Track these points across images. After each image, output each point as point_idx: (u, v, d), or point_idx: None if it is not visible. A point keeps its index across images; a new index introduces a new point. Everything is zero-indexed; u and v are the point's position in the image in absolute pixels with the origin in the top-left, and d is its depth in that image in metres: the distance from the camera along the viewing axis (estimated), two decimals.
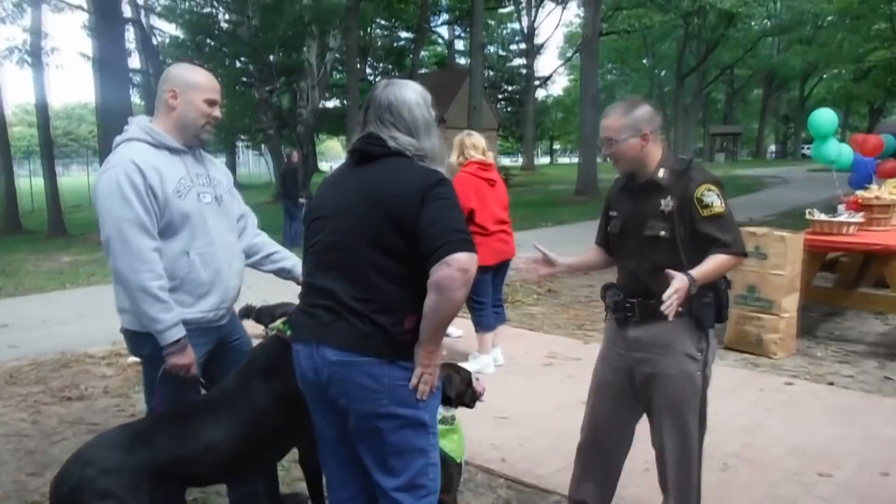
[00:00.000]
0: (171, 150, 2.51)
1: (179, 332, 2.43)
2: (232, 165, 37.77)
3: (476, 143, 5.10)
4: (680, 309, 2.44)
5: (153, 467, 2.15)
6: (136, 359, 5.31)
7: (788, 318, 5.36)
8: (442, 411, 2.79)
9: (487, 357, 5.18)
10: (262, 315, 2.91)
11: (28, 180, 24.48)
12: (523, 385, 4.81)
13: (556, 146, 74.95)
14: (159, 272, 2.39)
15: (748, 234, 5.40)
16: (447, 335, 6.00)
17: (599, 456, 2.81)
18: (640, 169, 2.55)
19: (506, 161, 54.11)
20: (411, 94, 2.16)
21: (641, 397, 2.65)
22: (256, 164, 44.35)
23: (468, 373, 2.93)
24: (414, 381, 2.06)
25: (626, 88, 54.89)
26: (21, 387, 4.92)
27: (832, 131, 6.82)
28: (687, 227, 2.45)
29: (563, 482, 3.38)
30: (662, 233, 2.48)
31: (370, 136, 2.14)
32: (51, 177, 16.38)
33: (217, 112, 2.58)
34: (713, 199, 2.41)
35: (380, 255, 2.03)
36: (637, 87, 52.48)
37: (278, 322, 2.65)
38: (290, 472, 3.37)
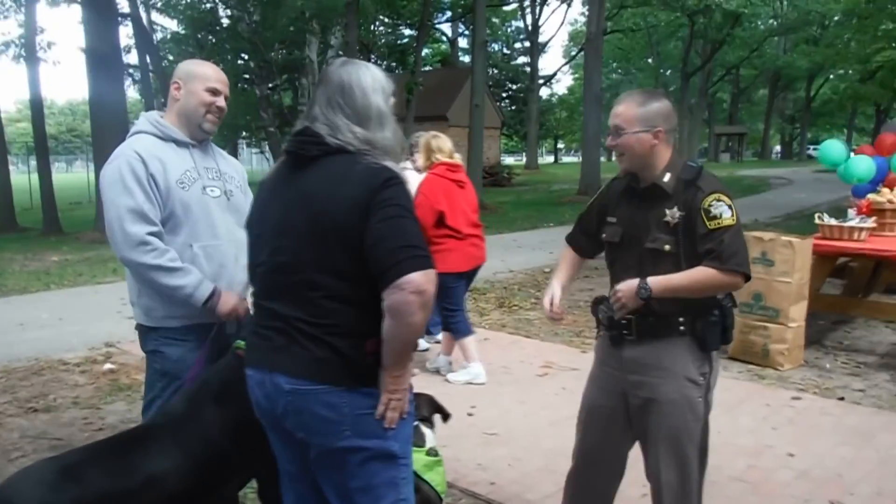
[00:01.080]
0: (178, 143, 2.53)
1: (208, 286, 2.44)
2: None
3: (442, 146, 4.91)
4: (682, 328, 2.24)
5: None
6: (111, 366, 5.17)
7: (796, 328, 5.10)
8: (431, 441, 2.58)
9: (477, 365, 4.93)
10: (242, 329, 2.67)
11: (28, 177, 24.19)
12: (516, 398, 4.56)
13: (561, 145, 74.66)
14: (164, 248, 2.38)
15: (754, 240, 5.15)
16: (440, 342, 5.78)
17: (589, 486, 2.57)
18: (644, 170, 2.27)
19: (509, 160, 53.76)
20: (368, 78, 1.89)
21: (635, 424, 2.39)
22: (259, 162, 44.16)
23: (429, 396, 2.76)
24: (381, 409, 1.82)
25: (630, 87, 54.42)
26: None
27: (843, 159, 6.29)
28: (691, 241, 2.19)
29: None
30: (667, 247, 2.21)
31: (305, 132, 1.87)
32: (45, 173, 16.10)
33: (221, 102, 2.56)
34: (722, 211, 2.15)
35: (330, 279, 1.78)
36: (641, 86, 51.97)
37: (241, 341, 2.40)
38: None
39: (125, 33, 25.29)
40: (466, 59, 40.43)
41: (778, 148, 62.34)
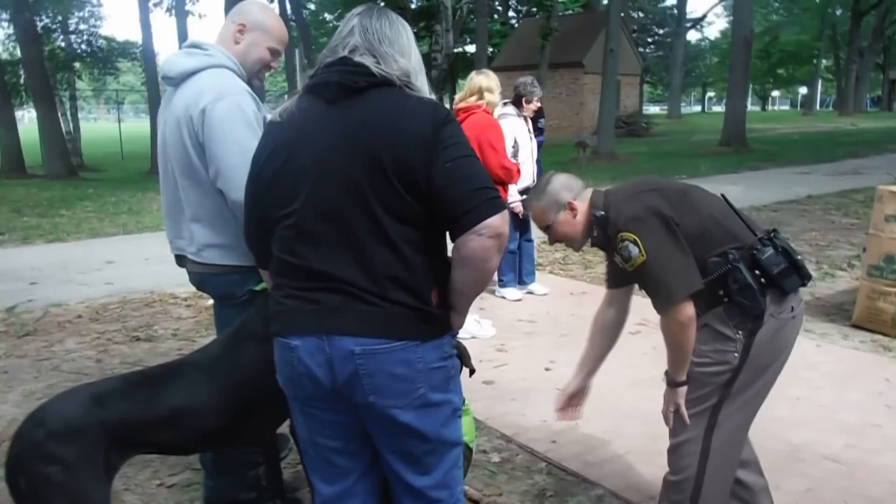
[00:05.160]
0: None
1: None
2: None
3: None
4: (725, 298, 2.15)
5: (109, 433, 1.97)
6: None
7: None
8: None
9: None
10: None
11: None
12: None
13: (711, 94, 70.39)
14: None
15: (888, 194, 4.54)
16: (533, 293, 5.69)
17: None
18: (589, 236, 2.30)
19: (654, 109, 51.35)
20: (407, 27, 1.78)
21: None
22: None
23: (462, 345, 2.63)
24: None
25: (792, 28, 50.14)
26: (101, 324, 5.08)
27: None
28: None
29: (613, 473, 3.01)
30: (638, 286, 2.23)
31: (346, 62, 1.67)
32: None
33: (276, 63, 2.50)
34: (630, 252, 2.06)
35: (392, 222, 1.60)
36: (805, 27, 47.73)
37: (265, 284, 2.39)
38: None
39: None
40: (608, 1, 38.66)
41: None
